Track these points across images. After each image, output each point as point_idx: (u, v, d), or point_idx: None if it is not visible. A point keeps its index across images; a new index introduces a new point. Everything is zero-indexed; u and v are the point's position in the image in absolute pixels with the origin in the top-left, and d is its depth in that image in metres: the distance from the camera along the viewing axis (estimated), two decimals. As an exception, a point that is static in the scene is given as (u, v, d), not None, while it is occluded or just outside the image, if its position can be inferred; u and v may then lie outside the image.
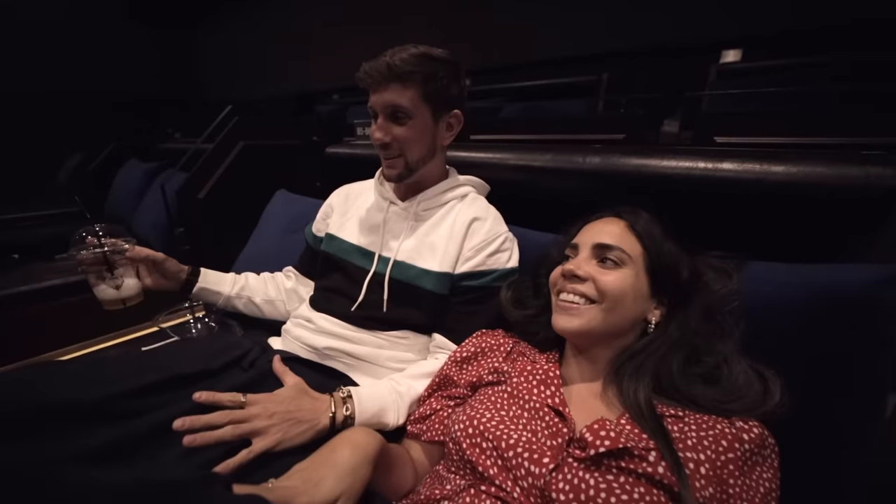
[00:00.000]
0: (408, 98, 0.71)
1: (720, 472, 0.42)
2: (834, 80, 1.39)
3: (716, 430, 0.45)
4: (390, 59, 0.69)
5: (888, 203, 0.59)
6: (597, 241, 0.57)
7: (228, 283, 0.91)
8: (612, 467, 0.43)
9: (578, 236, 0.61)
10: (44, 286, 1.50)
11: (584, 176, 0.84)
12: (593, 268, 0.55)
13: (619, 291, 0.53)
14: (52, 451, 0.45)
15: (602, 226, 0.60)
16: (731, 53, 2.07)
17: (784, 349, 0.54)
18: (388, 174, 0.77)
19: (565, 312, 0.55)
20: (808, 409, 0.51)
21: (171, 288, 0.85)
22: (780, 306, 0.56)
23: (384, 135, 0.73)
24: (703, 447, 0.43)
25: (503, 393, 0.54)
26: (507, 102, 2.33)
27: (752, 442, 0.44)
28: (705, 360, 0.52)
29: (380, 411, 0.63)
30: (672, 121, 1.64)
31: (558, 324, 0.56)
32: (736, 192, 0.69)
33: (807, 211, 0.66)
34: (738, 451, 0.43)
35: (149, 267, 0.81)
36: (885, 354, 0.50)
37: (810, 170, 0.64)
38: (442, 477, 0.53)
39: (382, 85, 0.71)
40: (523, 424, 0.49)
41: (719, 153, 0.73)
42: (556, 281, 0.58)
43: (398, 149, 0.74)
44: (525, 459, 0.45)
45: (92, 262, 0.73)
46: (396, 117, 0.72)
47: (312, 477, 0.44)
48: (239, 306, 0.92)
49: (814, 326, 0.54)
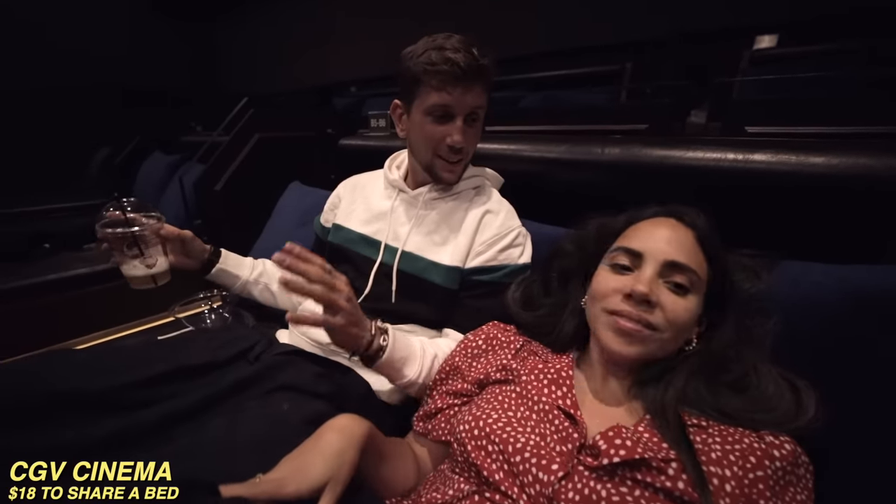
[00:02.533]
0: (485, 100, 0.69)
1: (748, 490, 0.38)
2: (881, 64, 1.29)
3: (743, 445, 0.41)
4: (480, 58, 0.64)
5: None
6: (670, 258, 0.48)
7: (247, 268, 0.90)
8: (627, 479, 0.40)
9: (637, 241, 0.51)
10: (70, 275, 1.55)
11: (602, 168, 0.80)
12: (664, 292, 0.47)
13: (688, 321, 0.48)
14: (57, 439, 0.45)
15: (669, 233, 0.50)
16: (766, 39, 1.96)
17: (819, 357, 0.50)
18: (449, 178, 0.74)
19: (623, 336, 0.47)
20: (848, 425, 0.46)
21: (192, 267, 0.83)
22: (816, 310, 0.51)
23: (464, 139, 0.69)
24: (730, 462, 0.39)
25: (511, 392, 0.51)
26: (527, 92, 2.28)
27: (783, 459, 0.40)
28: (733, 367, 0.48)
29: (408, 357, 0.61)
30: (699, 111, 1.56)
31: (612, 347, 0.48)
32: (768, 185, 0.64)
33: (847, 206, 0.61)
34: (768, 470, 0.39)
35: (176, 245, 0.78)
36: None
37: (854, 161, 0.58)
38: (446, 477, 0.51)
39: (470, 85, 0.66)
40: (531, 427, 0.46)
41: (750, 143, 0.68)
42: (609, 296, 0.49)
43: (467, 153, 0.72)
44: (533, 465, 0.43)
45: (121, 239, 0.69)
46: (472, 120, 0.69)
47: (300, 465, 0.43)
48: (255, 292, 0.91)
49: (852, 332, 0.49)
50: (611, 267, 0.52)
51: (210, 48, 4.26)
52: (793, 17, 0.99)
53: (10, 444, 0.44)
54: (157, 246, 0.73)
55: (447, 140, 0.69)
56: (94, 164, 3.43)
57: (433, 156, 0.72)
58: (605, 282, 0.51)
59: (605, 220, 0.60)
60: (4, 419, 0.45)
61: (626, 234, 0.54)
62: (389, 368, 0.60)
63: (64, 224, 2.40)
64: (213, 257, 0.85)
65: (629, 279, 0.49)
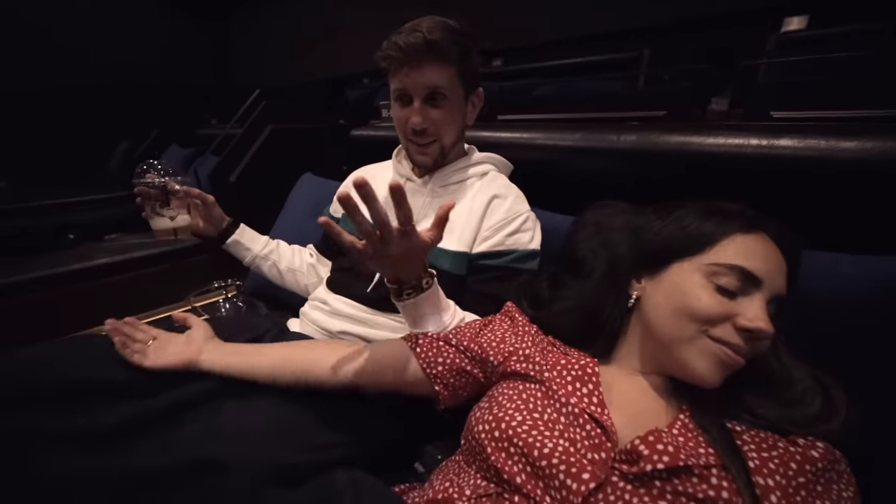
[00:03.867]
0: (447, 77, 0.67)
1: (794, 498, 0.36)
2: None
3: (779, 450, 0.39)
4: (428, 35, 0.63)
5: None
6: (782, 292, 0.44)
7: (261, 244, 0.91)
8: (667, 490, 0.37)
9: (759, 264, 0.44)
10: (93, 265, 1.60)
11: (617, 155, 0.77)
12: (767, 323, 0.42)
13: None
14: (68, 426, 0.46)
15: (778, 259, 0.45)
16: (795, 21, 1.87)
17: (850, 353, 0.48)
18: (422, 161, 0.74)
19: (725, 369, 0.43)
20: (885, 425, 0.44)
21: (210, 234, 0.87)
22: (845, 303, 0.49)
23: (423, 120, 0.68)
24: (770, 471, 0.37)
25: (536, 392, 0.48)
26: (542, 81, 2.22)
27: (822, 459, 0.38)
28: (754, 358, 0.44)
29: (438, 312, 0.60)
30: (720, 98, 1.50)
31: (708, 378, 0.43)
32: (795, 171, 0.61)
33: (881, 193, 0.57)
34: (809, 474, 0.37)
35: (199, 208, 0.83)
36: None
37: (888, 145, 0.55)
38: (461, 469, 0.49)
39: (419, 63, 0.65)
40: (560, 431, 0.43)
41: (775, 128, 0.65)
42: (718, 323, 0.43)
43: (434, 134, 0.70)
44: (561, 472, 0.40)
45: (150, 194, 0.78)
46: (433, 99, 0.68)
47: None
48: (263, 268, 0.92)
49: (885, 326, 0.46)
50: (716, 286, 0.44)
51: (225, 43, 4.31)
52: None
53: (22, 429, 0.45)
54: (182, 204, 0.81)
55: (408, 122, 0.69)
56: (114, 158, 3.51)
57: (405, 139, 0.73)
58: (711, 303, 0.44)
59: (663, 213, 0.52)
60: (16, 405, 0.46)
61: (731, 248, 0.45)
62: (421, 309, 0.58)
63: (86, 216, 2.47)
64: (232, 228, 0.88)
65: (742, 307, 0.43)
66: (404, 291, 0.57)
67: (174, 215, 0.80)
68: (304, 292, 0.92)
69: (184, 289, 1.29)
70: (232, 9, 4.14)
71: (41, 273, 1.47)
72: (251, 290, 1.17)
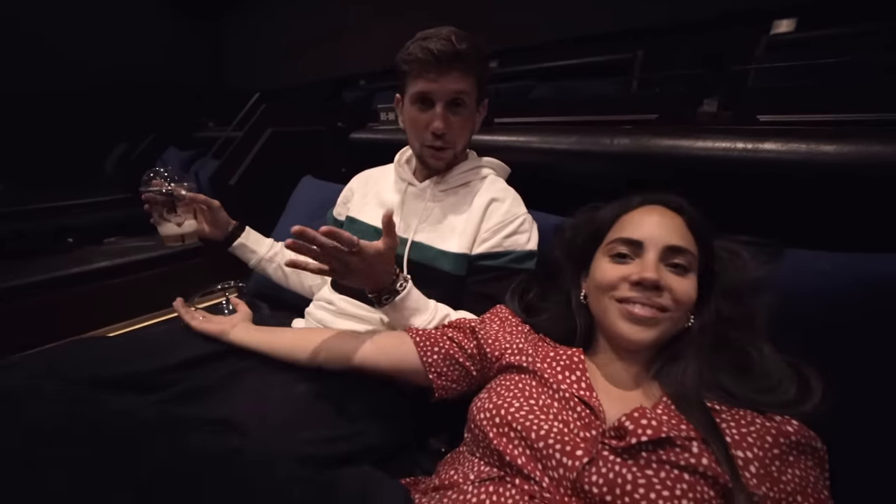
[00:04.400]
0: (469, 85, 0.70)
1: (770, 469, 0.40)
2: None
3: (756, 426, 0.42)
4: (457, 44, 0.66)
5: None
6: (670, 242, 0.50)
7: (266, 246, 0.93)
8: (652, 461, 0.41)
9: (633, 230, 0.53)
10: (93, 268, 1.61)
11: (611, 158, 0.80)
12: (667, 275, 0.49)
13: (693, 298, 0.50)
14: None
15: (660, 219, 0.53)
16: (784, 24, 1.91)
17: (829, 344, 0.50)
18: (436, 165, 0.76)
19: (641, 324, 0.49)
20: (859, 411, 0.47)
21: (217, 237, 0.89)
22: (825, 298, 0.52)
23: (444, 125, 0.70)
24: (749, 444, 0.41)
25: (531, 381, 0.52)
26: (537, 83, 2.25)
27: (796, 434, 0.42)
28: (733, 345, 0.49)
29: (420, 309, 0.66)
30: (711, 100, 1.54)
31: (630, 335, 0.49)
32: (778, 173, 0.64)
33: (858, 194, 0.60)
34: (783, 446, 0.41)
35: (204, 212, 0.85)
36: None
37: (866, 148, 0.58)
38: (465, 458, 0.52)
39: (448, 70, 0.67)
40: (554, 414, 0.47)
41: (760, 132, 0.68)
42: (617, 285, 0.51)
43: (451, 141, 0.72)
44: (557, 451, 0.44)
45: (158, 201, 0.80)
46: (456, 105, 0.70)
47: None
48: (269, 270, 0.94)
49: (862, 320, 0.49)
50: (610, 257, 0.54)
51: (219, 44, 4.31)
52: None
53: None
54: (188, 210, 0.83)
55: (430, 127, 0.71)
56: (110, 161, 3.50)
57: (421, 144, 0.75)
58: (608, 272, 0.52)
59: (590, 214, 0.61)
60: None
61: (619, 225, 0.56)
62: (401, 311, 0.64)
63: (84, 219, 2.47)
64: (237, 231, 0.90)
65: (633, 267, 0.51)
66: (383, 297, 0.63)
67: (181, 221, 0.83)
68: (308, 293, 0.94)
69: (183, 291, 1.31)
70: (226, 10, 4.14)
71: (41, 277, 1.48)
72: (253, 291, 1.19)
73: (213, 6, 4.09)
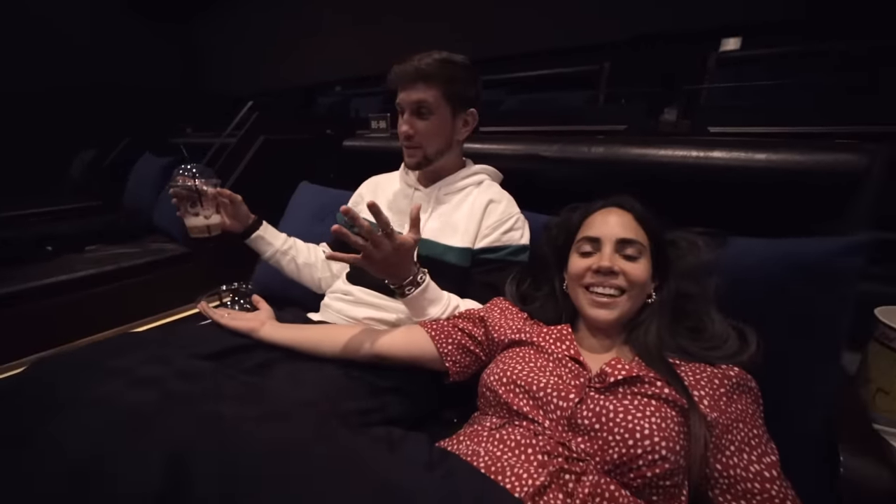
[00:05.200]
0: (431, 96, 0.81)
1: (718, 402, 0.52)
2: (821, 71, 1.47)
3: (707, 372, 0.55)
4: (417, 63, 0.80)
5: (854, 185, 0.68)
6: (620, 236, 0.63)
7: (281, 240, 1.00)
8: (627, 394, 0.53)
9: (593, 230, 0.66)
10: (82, 275, 1.61)
11: (589, 164, 0.93)
12: (621, 262, 0.62)
13: (644, 279, 0.62)
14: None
15: (613, 218, 0.65)
16: (731, 42, 2.14)
17: (763, 309, 0.64)
18: (408, 162, 0.88)
19: (603, 307, 0.61)
20: (781, 357, 0.61)
21: (236, 230, 0.95)
22: (760, 274, 0.65)
23: (409, 128, 0.83)
24: (702, 385, 0.54)
25: (530, 350, 0.64)
26: (507, 95, 2.38)
27: (737, 377, 0.55)
28: (690, 315, 0.63)
29: (436, 300, 0.75)
30: (671, 109, 1.72)
31: (596, 316, 0.62)
32: (724, 176, 0.78)
33: (785, 193, 0.75)
34: (726, 386, 0.54)
35: (227, 207, 0.91)
36: (842, 311, 0.60)
37: (788, 157, 0.73)
38: (478, 419, 0.63)
39: (410, 84, 0.81)
40: (550, 371, 0.59)
41: (711, 143, 0.82)
42: (583, 275, 0.64)
43: (419, 141, 0.85)
44: (554, 397, 0.55)
45: (184, 196, 0.85)
46: (420, 113, 0.83)
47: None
48: (282, 262, 1.00)
49: (787, 290, 0.63)
50: (579, 254, 0.67)
51: (190, 48, 4.23)
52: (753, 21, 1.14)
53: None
54: (213, 204, 0.89)
55: (401, 130, 0.85)
56: (76, 167, 3.38)
57: (401, 145, 0.88)
58: (577, 265, 0.66)
59: (568, 215, 0.74)
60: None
61: (584, 226, 0.69)
62: (421, 301, 0.73)
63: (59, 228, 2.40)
64: (256, 225, 0.97)
65: (595, 258, 0.64)
66: (406, 288, 0.72)
67: (207, 214, 0.88)
68: (317, 287, 1.02)
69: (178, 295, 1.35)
70: (197, 12, 4.08)
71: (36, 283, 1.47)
72: (257, 292, 1.25)
73: (179, 9, 4.01)
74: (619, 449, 0.49)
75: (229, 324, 0.76)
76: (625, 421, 0.50)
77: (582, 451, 0.51)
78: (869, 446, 0.56)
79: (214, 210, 0.89)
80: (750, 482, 0.49)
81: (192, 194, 0.85)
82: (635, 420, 0.50)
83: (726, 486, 0.50)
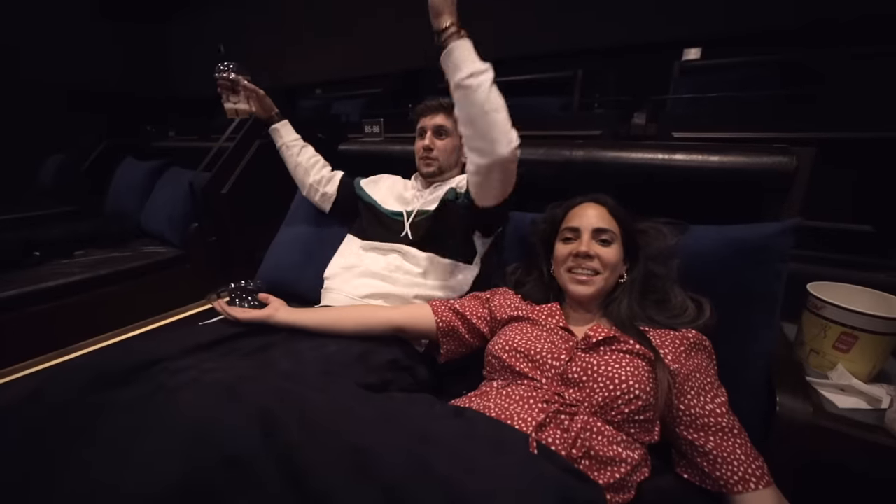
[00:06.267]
0: (449, 122, 1.05)
1: (679, 357, 0.65)
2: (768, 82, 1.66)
3: (670, 335, 0.69)
4: (441, 100, 1.06)
5: (788, 182, 0.83)
6: (595, 225, 0.76)
7: (293, 137, 1.28)
8: (607, 351, 0.66)
9: (574, 221, 0.79)
10: (79, 279, 1.63)
11: (570, 166, 1.05)
12: (596, 247, 0.75)
13: (616, 261, 0.75)
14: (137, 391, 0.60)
15: (591, 211, 0.78)
16: (693, 52, 2.34)
17: (715, 283, 0.78)
18: (425, 171, 1.09)
19: (583, 284, 0.74)
20: (729, 322, 0.74)
21: (261, 116, 1.25)
22: (712, 255, 0.79)
23: (430, 143, 1.08)
24: (665, 345, 0.67)
25: (527, 324, 0.76)
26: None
27: (694, 338, 0.69)
28: (657, 290, 0.76)
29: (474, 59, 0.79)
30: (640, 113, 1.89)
31: (577, 292, 0.74)
32: (685, 175, 0.92)
33: (734, 188, 0.90)
34: (686, 345, 0.67)
35: (254, 99, 1.20)
36: (776, 282, 0.74)
37: (735, 159, 0.87)
38: (487, 383, 0.74)
39: (434, 113, 1.08)
40: (544, 339, 0.71)
41: (674, 146, 0.96)
42: (566, 259, 0.77)
43: (437, 154, 1.07)
44: (548, 358, 0.67)
45: (226, 86, 1.16)
46: (439, 134, 1.06)
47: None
48: (286, 154, 1.28)
49: (733, 267, 0.77)
50: (562, 241, 0.80)
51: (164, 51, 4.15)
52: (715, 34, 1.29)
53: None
54: (245, 94, 1.19)
55: (422, 145, 1.09)
56: (46, 172, 3.28)
57: (418, 157, 1.12)
58: (560, 250, 0.79)
59: (553, 211, 0.87)
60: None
61: (566, 218, 0.82)
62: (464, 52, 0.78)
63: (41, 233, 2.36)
64: (277, 117, 1.26)
65: (575, 245, 0.77)
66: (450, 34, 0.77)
67: (239, 101, 1.18)
68: (302, 184, 1.29)
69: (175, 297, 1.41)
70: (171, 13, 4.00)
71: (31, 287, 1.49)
72: (265, 288, 1.31)
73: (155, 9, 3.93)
74: (603, 393, 0.61)
75: (244, 316, 0.83)
76: (607, 371, 0.62)
77: (573, 399, 0.63)
78: (800, 392, 0.70)
79: (245, 100, 1.19)
80: (706, 417, 0.62)
81: (231, 84, 1.15)
82: (614, 370, 0.62)
83: (689, 422, 0.63)
